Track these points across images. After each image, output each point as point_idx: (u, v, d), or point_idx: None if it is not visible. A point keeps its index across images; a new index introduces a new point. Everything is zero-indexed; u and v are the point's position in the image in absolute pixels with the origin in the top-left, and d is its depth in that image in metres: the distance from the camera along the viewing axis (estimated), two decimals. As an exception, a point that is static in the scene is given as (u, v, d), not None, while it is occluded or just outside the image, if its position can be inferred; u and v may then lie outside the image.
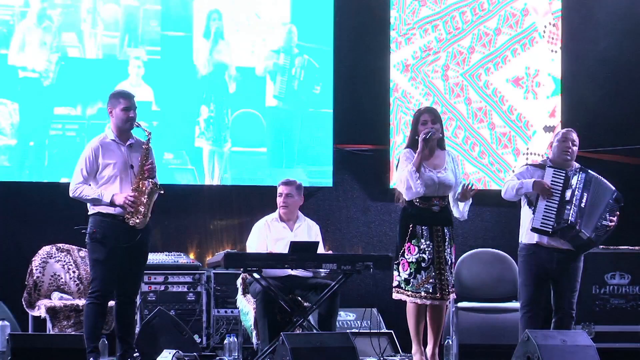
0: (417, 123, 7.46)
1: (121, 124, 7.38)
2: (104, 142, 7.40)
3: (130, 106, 7.39)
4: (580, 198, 7.38)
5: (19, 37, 9.04)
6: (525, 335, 6.96)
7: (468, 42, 9.99)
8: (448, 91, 9.96)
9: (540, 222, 7.41)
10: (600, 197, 7.44)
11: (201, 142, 9.46)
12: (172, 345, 7.63)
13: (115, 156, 7.36)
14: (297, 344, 6.78)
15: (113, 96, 7.48)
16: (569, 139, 7.57)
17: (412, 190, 7.30)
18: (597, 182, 7.49)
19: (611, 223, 7.47)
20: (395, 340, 8.77)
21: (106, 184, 7.32)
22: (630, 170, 10.15)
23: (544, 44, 10.12)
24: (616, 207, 7.49)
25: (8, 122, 9.02)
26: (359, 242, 9.94)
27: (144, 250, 7.48)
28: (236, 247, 9.31)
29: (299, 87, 9.72)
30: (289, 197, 8.20)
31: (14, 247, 8.97)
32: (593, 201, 7.41)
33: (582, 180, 7.41)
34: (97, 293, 7.29)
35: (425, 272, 7.34)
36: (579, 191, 7.39)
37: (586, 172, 7.47)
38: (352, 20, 9.91)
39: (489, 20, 10.06)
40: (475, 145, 9.99)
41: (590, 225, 7.39)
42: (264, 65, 9.64)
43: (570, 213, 7.35)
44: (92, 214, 7.36)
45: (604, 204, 7.44)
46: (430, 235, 7.37)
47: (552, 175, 7.43)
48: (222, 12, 9.56)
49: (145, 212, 7.28)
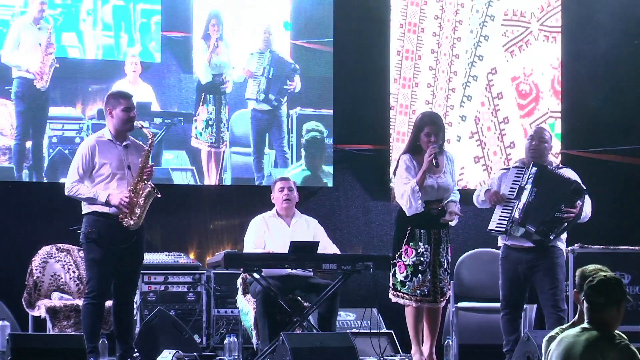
0: (419, 131, 7.44)
1: (121, 124, 7.37)
2: (100, 141, 7.38)
3: (130, 106, 7.39)
4: (528, 194, 7.41)
5: (17, 36, 9.02)
6: (525, 335, 6.97)
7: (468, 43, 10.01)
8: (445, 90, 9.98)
9: (496, 224, 7.49)
10: (553, 190, 7.44)
11: (200, 143, 9.46)
12: (172, 345, 7.63)
13: (111, 155, 7.34)
14: (297, 344, 6.78)
15: (112, 97, 7.46)
16: (535, 137, 7.61)
17: (412, 208, 7.33)
18: (551, 175, 7.49)
19: (567, 215, 7.41)
20: (395, 340, 8.77)
21: (102, 182, 7.31)
22: (630, 170, 10.15)
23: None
24: (575, 199, 7.45)
25: (8, 122, 9.01)
26: (359, 242, 9.93)
27: (140, 251, 7.47)
28: (236, 247, 9.30)
29: (298, 87, 9.71)
30: (290, 190, 8.19)
31: (14, 247, 8.96)
32: (544, 195, 7.40)
33: (532, 176, 7.43)
34: (93, 293, 7.28)
35: (422, 275, 7.36)
36: (529, 186, 7.43)
37: (539, 166, 7.47)
38: (352, 20, 9.90)
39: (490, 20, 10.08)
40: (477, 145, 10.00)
41: (538, 219, 7.38)
42: (263, 65, 9.63)
43: (515, 209, 7.39)
44: (87, 213, 7.34)
45: (558, 196, 7.42)
46: (428, 238, 7.39)
47: (514, 175, 7.52)
48: (221, 12, 9.55)
49: (140, 214, 7.27)
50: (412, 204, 7.31)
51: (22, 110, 9.02)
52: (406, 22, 9.89)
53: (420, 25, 9.92)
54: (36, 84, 9.03)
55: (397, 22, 9.85)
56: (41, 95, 9.07)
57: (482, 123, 10.00)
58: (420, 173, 7.31)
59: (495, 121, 10.03)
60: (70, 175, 7.36)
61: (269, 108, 9.63)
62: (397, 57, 9.84)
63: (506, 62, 10.08)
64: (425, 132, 7.40)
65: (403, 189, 7.35)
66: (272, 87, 9.64)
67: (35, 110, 9.06)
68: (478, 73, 10.01)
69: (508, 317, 7.53)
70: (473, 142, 9.98)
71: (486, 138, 10.02)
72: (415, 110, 9.71)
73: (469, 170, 9.91)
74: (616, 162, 10.15)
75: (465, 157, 9.87)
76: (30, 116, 9.05)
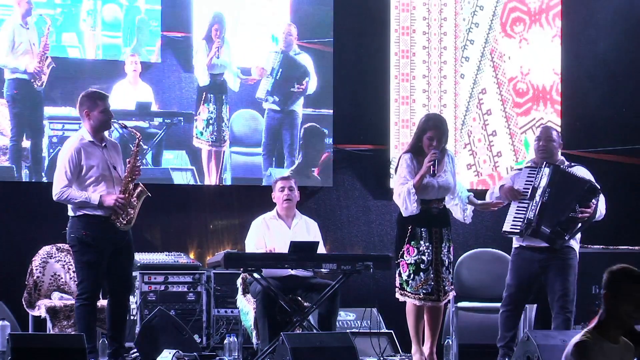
0: (423, 133, 7.45)
1: (100, 125, 7.32)
2: (83, 144, 7.32)
3: (108, 107, 7.35)
4: (542, 194, 7.40)
5: (11, 38, 9.01)
6: (525, 335, 6.97)
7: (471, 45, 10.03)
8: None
9: (510, 225, 7.47)
10: (568, 190, 7.43)
11: (201, 142, 9.46)
12: (172, 345, 7.62)
13: (96, 157, 7.31)
14: (297, 344, 6.78)
15: (89, 98, 7.36)
16: (542, 137, 7.61)
17: (408, 210, 7.34)
18: (565, 175, 7.47)
19: (583, 215, 7.41)
20: (395, 340, 8.77)
21: (91, 185, 7.28)
22: (630, 170, 10.15)
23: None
24: (590, 198, 7.43)
25: (8, 122, 9.00)
26: (359, 242, 9.94)
27: (131, 250, 7.49)
28: (236, 247, 9.30)
29: (298, 87, 9.71)
30: (291, 190, 8.18)
31: (14, 247, 8.96)
32: (558, 195, 7.39)
33: (547, 176, 7.42)
34: (86, 295, 7.27)
35: (424, 273, 7.36)
36: (544, 187, 7.41)
37: (552, 166, 7.45)
38: (352, 20, 9.91)
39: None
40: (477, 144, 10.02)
41: (553, 219, 7.37)
42: (263, 65, 9.64)
43: (529, 210, 7.38)
44: (78, 216, 7.29)
45: (573, 196, 7.41)
46: (429, 236, 7.39)
47: (527, 175, 7.51)
48: (222, 12, 9.56)
49: (133, 214, 7.27)
50: (408, 206, 7.32)
51: (17, 111, 8.99)
52: (400, 27, 9.91)
53: (412, 27, 9.93)
54: (33, 83, 9.02)
55: (392, 27, 9.88)
56: (37, 95, 9.05)
57: (474, 136, 10.03)
58: (418, 177, 7.32)
59: (485, 134, 10.05)
60: (58, 180, 7.30)
61: (278, 108, 9.64)
62: (395, 57, 9.87)
63: (503, 63, 10.10)
64: (428, 135, 7.41)
65: (400, 189, 7.37)
66: (278, 88, 9.64)
67: (31, 110, 9.04)
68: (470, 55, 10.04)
69: (508, 313, 7.51)
70: (466, 152, 10.01)
71: (477, 148, 10.05)
72: (415, 100, 9.80)
73: (463, 176, 9.93)
74: (616, 162, 10.15)
75: (459, 164, 9.89)
76: (26, 116, 9.03)
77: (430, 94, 9.94)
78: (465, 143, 10.01)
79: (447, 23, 9.99)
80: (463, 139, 9.99)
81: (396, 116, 9.83)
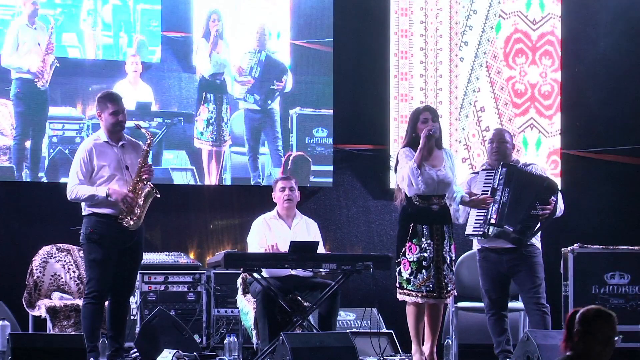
0: (417, 121, 7.46)
1: (111, 127, 7.36)
2: (96, 144, 7.37)
3: (118, 110, 7.36)
4: (501, 194, 7.42)
5: (15, 37, 9.02)
6: (525, 335, 6.97)
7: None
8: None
9: (473, 227, 7.50)
10: (527, 188, 7.47)
11: (201, 142, 9.47)
12: (172, 345, 7.63)
13: (108, 157, 7.34)
14: (297, 344, 6.78)
15: (101, 100, 7.43)
16: (494, 139, 7.66)
17: (414, 187, 7.32)
18: (522, 174, 7.52)
19: (543, 212, 7.45)
20: (395, 340, 8.77)
21: (103, 185, 7.29)
22: (630, 170, 10.15)
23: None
24: (549, 195, 7.48)
25: (8, 122, 9.01)
26: (359, 242, 9.94)
27: (140, 251, 7.48)
28: (236, 247, 9.31)
29: (298, 87, 9.72)
30: (292, 190, 8.18)
31: (14, 247, 8.97)
32: (517, 194, 7.43)
33: (502, 176, 7.45)
34: (94, 293, 7.28)
35: (426, 271, 7.36)
36: (501, 187, 7.44)
37: (507, 167, 7.49)
38: (352, 21, 9.91)
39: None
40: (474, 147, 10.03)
41: (514, 219, 7.40)
42: (263, 65, 9.64)
43: (490, 211, 7.41)
44: (87, 214, 7.34)
45: (532, 194, 7.46)
46: (430, 234, 7.39)
47: (485, 178, 7.55)
48: (221, 12, 9.56)
49: (139, 214, 7.27)
50: (413, 183, 7.30)
51: (21, 110, 9.02)
52: (399, 30, 9.92)
53: (410, 30, 9.94)
54: (37, 83, 9.03)
55: (392, 30, 9.89)
56: (41, 95, 9.07)
57: (468, 131, 10.04)
58: (418, 152, 7.29)
59: (479, 129, 10.06)
60: (70, 180, 7.37)
61: (258, 107, 9.63)
62: (394, 58, 9.88)
63: (504, 67, 10.10)
64: (422, 117, 7.43)
65: (403, 172, 7.36)
66: (258, 87, 9.63)
67: (35, 110, 9.06)
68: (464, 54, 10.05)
69: (495, 317, 7.58)
70: (461, 146, 10.02)
71: (471, 143, 10.05)
72: (413, 97, 9.84)
73: (459, 169, 9.95)
74: (616, 162, 10.15)
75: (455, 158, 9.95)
76: (30, 116, 9.05)
77: (427, 91, 9.97)
78: (459, 139, 10.05)
79: (443, 26, 10.03)
80: (458, 134, 10.01)
81: (395, 112, 9.88)
